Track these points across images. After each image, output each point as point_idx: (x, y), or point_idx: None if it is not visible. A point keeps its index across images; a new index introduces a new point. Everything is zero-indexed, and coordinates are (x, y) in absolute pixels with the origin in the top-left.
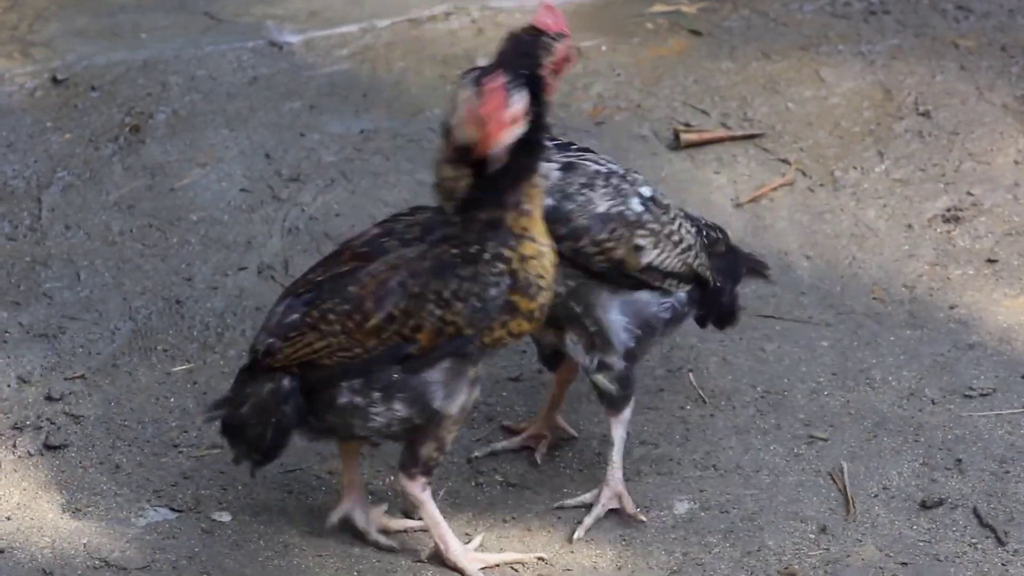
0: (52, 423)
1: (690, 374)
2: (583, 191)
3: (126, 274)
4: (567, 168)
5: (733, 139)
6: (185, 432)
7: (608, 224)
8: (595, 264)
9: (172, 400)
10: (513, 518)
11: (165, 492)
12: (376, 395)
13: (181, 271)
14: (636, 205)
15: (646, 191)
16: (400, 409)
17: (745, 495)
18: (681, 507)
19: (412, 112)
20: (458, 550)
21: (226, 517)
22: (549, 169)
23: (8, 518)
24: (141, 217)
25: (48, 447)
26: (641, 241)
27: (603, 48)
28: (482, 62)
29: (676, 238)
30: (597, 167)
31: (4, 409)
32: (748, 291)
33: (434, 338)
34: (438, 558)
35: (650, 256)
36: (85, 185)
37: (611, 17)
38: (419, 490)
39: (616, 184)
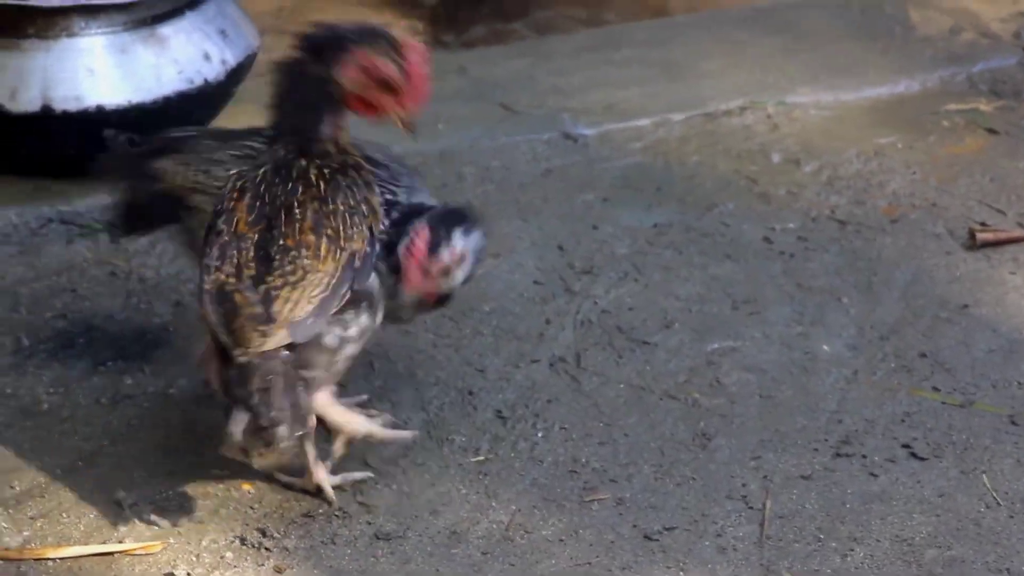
0: (344, 512)
1: (983, 476)
2: None
3: (419, 365)
4: None
5: None
6: (476, 524)
7: None
8: None
9: (463, 491)
10: None
11: None
12: None
13: (473, 361)
14: None
15: None
16: None
17: None
18: None
19: (705, 206)
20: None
21: None
22: None
23: None
24: None
25: (337, 537)
26: None
27: (899, 145)
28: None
29: None
30: None
31: (296, 497)
32: None
33: None
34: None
35: None
36: None
37: (907, 115)
38: None
39: None
